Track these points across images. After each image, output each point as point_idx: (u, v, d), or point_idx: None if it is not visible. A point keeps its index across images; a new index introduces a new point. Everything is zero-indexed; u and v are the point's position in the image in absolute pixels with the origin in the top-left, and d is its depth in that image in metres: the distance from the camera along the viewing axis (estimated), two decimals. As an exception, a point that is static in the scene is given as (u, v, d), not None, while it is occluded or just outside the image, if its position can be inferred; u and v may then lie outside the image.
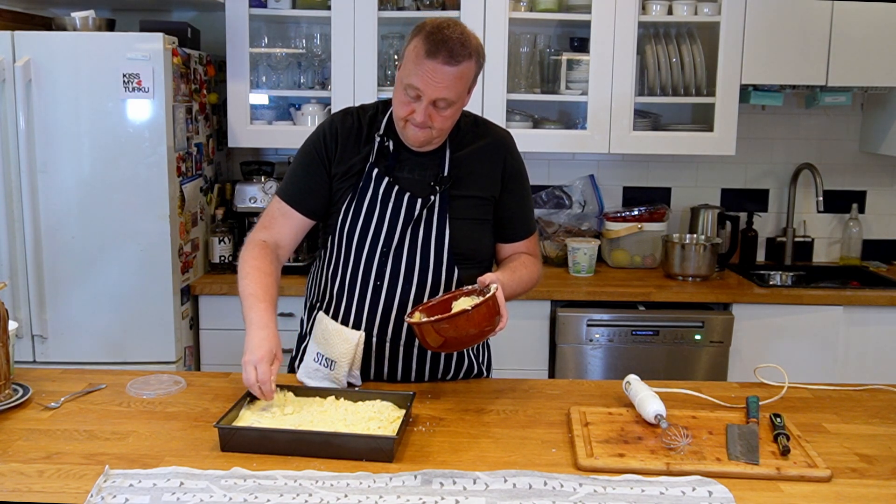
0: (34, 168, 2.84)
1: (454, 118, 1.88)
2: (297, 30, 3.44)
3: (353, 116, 1.99)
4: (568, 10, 3.33)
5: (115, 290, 2.93)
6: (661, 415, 1.65)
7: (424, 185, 1.92)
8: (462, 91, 1.83)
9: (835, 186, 3.72)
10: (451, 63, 1.76)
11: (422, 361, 1.97)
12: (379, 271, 1.92)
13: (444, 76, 1.77)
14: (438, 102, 1.80)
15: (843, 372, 3.16)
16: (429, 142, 1.89)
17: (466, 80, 1.83)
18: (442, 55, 1.76)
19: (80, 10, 2.95)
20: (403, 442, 1.61)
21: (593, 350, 3.13)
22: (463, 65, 1.78)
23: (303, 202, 1.97)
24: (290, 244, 2.00)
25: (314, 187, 1.96)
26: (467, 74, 1.82)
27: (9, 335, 1.81)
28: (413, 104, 1.82)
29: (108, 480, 1.44)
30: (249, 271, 1.89)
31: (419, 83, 1.78)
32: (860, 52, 3.25)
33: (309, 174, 1.97)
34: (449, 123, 1.87)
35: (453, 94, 1.80)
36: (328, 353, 1.90)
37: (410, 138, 1.88)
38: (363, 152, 1.94)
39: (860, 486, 1.47)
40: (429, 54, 1.76)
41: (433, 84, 1.77)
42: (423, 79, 1.77)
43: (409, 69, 1.80)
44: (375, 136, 1.94)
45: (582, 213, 3.66)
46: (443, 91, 1.78)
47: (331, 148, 1.95)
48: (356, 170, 1.94)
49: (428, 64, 1.76)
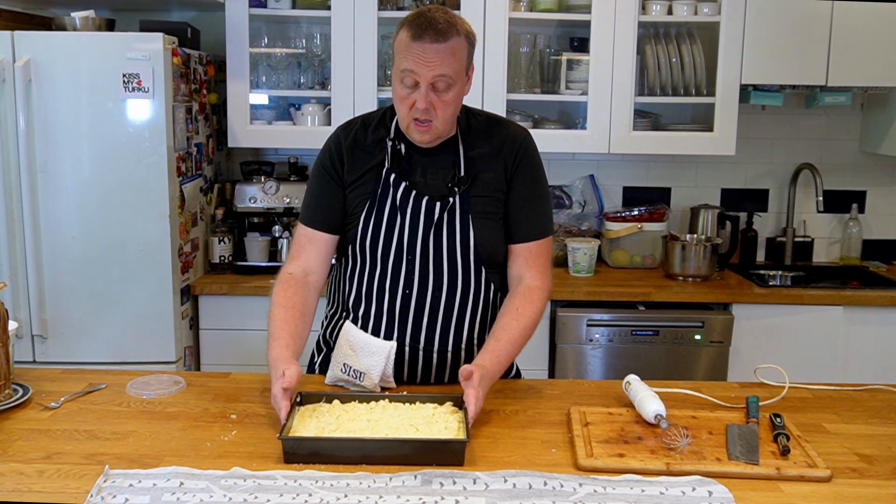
0: (34, 168, 2.84)
1: (456, 104, 1.85)
2: (297, 30, 3.44)
3: (356, 125, 1.98)
4: (568, 10, 3.33)
5: (114, 290, 2.93)
6: (661, 415, 1.65)
7: (440, 188, 1.90)
8: (458, 69, 1.79)
9: (835, 186, 3.72)
10: (440, 40, 1.74)
11: (455, 365, 1.94)
12: (407, 279, 1.90)
13: (435, 54, 1.75)
14: (437, 84, 1.78)
15: (843, 372, 3.16)
16: (436, 137, 1.87)
17: (460, 58, 1.79)
18: (429, 35, 1.74)
19: (80, 10, 2.95)
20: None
21: (593, 350, 3.13)
22: (452, 41, 1.76)
23: (324, 221, 1.95)
24: (321, 268, 1.97)
25: (332, 203, 1.95)
26: (459, 51, 1.78)
27: (9, 335, 1.81)
28: (412, 94, 1.79)
29: (108, 480, 1.44)
30: (272, 310, 1.87)
31: (413, 66, 1.76)
32: (860, 52, 3.25)
33: (324, 192, 1.96)
34: (451, 110, 1.83)
35: (450, 71, 1.77)
36: (357, 365, 1.87)
37: (416, 138, 1.86)
38: (375, 159, 1.92)
39: (860, 486, 1.47)
40: (415, 38, 1.75)
41: (427, 64, 1.75)
42: (415, 61, 1.75)
43: (399, 59, 1.79)
44: (387, 140, 1.92)
45: (582, 213, 3.66)
46: (438, 68, 1.75)
47: (338, 161, 1.94)
48: (370, 176, 1.92)
49: (417, 46, 1.75)
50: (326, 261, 1.99)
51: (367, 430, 1.59)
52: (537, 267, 1.95)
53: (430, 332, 1.92)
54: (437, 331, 1.92)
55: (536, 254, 1.96)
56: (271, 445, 1.58)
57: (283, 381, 1.64)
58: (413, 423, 1.62)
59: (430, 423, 1.62)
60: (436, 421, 1.63)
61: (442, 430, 1.59)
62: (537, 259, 1.96)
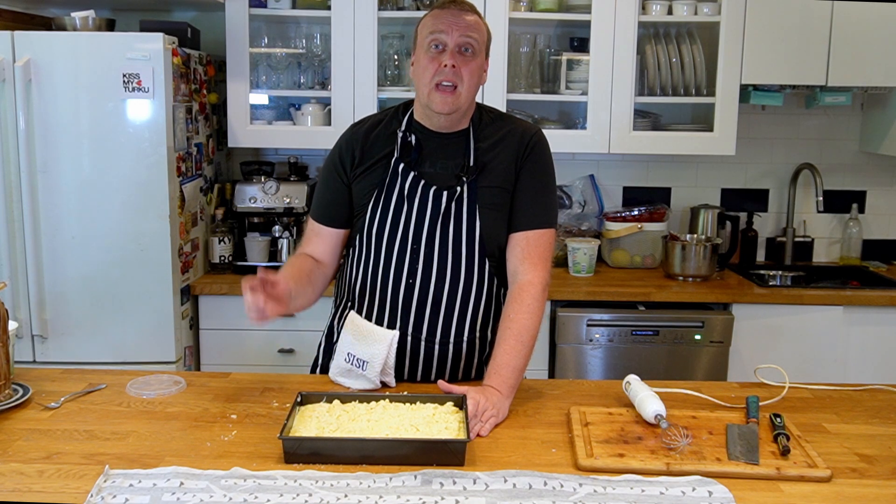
0: (34, 168, 2.84)
1: (477, 78, 1.90)
2: (297, 30, 3.44)
3: (368, 122, 2.01)
4: (568, 10, 3.33)
5: (115, 290, 2.93)
6: (661, 415, 1.65)
7: (449, 178, 1.92)
8: (481, 43, 1.89)
9: (835, 186, 3.72)
10: (466, 11, 1.88)
11: (457, 358, 1.96)
12: (411, 269, 1.92)
13: (463, 21, 1.86)
14: (464, 48, 1.85)
15: (843, 372, 3.16)
16: (457, 108, 1.88)
17: (482, 37, 1.89)
18: (455, 6, 1.88)
19: (80, 10, 2.95)
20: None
21: (593, 350, 3.13)
22: (475, 16, 1.89)
23: (328, 216, 2.01)
24: (328, 260, 2.02)
25: (337, 200, 1.99)
26: (481, 31, 1.89)
27: (9, 335, 1.81)
28: (439, 57, 1.85)
29: (108, 480, 1.44)
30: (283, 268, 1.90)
31: (441, 26, 1.85)
32: (860, 52, 3.25)
33: (329, 188, 2.01)
34: (474, 82, 1.89)
35: (475, 41, 1.86)
36: (360, 354, 1.89)
37: (438, 105, 1.86)
38: (385, 150, 1.95)
39: (860, 486, 1.47)
40: (442, 7, 1.88)
41: (455, 25, 1.85)
42: (443, 23, 1.85)
43: (425, 30, 1.88)
44: (398, 131, 1.94)
45: (582, 213, 3.66)
46: (465, 31, 1.85)
47: (347, 157, 1.97)
48: (379, 166, 1.94)
49: (446, 13, 1.86)
50: (335, 254, 2.04)
51: (368, 430, 1.59)
52: (531, 259, 1.91)
53: (432, 324, 1.93)
54: (440, 322, 1.93)
55: (534, 244, 1.92)
56: (271, 445, 1.58)
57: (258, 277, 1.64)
58: (413, 423, 1.62)
59: (431, 423, 1.62)
60: (436, 421, 1.63)
61: (442, 431, 1.59)
62: (534, 250, 1.91)
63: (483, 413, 1.68)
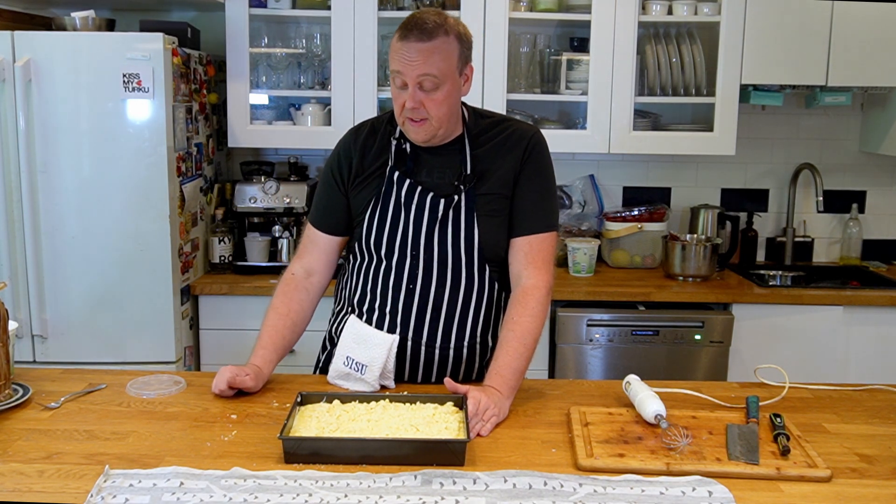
0: (34, 168, 2.83)
1: (449, 103, 1.84)
2: (297, 30, 3.44)
3: (366, 127, 2.00)
4: (568, 10, 3.33)
5: (115, 290, 2.93)
6: (661, 415, 1.65)
7: (447, 187, 1.91)
8: (445, 69, 1.79)
9: (835, 186, 3.72)
10: (424, 39, 1.77)
11: (457, 363, 1.96)
12: (411, 275, 1.91)
13: (418, 53, 1.77)
14: (424, 83, 1.79)
15: (843, 372, 3.16)
16: (432, 135, 1.87)
17: (447, 57, 1.79)
18: (414, 34, 1.77)
19: (80, 10, 2.95)
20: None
21: (593, 350, 3.13)
22: (438, 40, 1.77)
23: (326, 222, 2.01)
24: (323, 268, 2.04)
25: (335, 207, 2.00)
26: (446, 50, 1.79)
27: (9, 335, 1.81)
28: (402, 94, 1.82)
29: (108, 480, 1.44)
30: (268, 313, 1.99)
31: (398, 66, 1.79)
32: (860, 52, 3.25)
33: (327, 195, 2.01)
34: (445, 109, 1.83)
35: (434, 70, 1.78)
36: (359, 357, 1.88)
37: (412, 136, 1.88)
38: (382, 158, 1.94)
39: (860, 486, 1.47)
40: (402, 38, 1.79)
41: (410, 63, 1.78)
42: (400, 61, 1.79)
43: (390, 60, 1.83)
44: (392, 139, 1.94)
45: (582, 213, 3.66)
46: (421, 67, 1.77)
47: (345, 165, 1.97)
48: (377, 175, 1.94)
49: (402, 46, 1.78)
50: (330, 262, 2.04)
51: (368, 430, 1.59)
52: (535, 263, 1.91)
53: (432, 329, 1.92)
54: (440, 327, 1.92)
55: (537, 249, 1.92)
56: (271, 445, 1.58)
57: (235, 376, 1.81)
58: (413, 423, 1.62)
59: (431, 423, 1.62)
60: (436, 421, 1.63)
61: (442, 431, 1.59)
62: (537, 254, 1.91)
63: (485, 412, 1.68)
